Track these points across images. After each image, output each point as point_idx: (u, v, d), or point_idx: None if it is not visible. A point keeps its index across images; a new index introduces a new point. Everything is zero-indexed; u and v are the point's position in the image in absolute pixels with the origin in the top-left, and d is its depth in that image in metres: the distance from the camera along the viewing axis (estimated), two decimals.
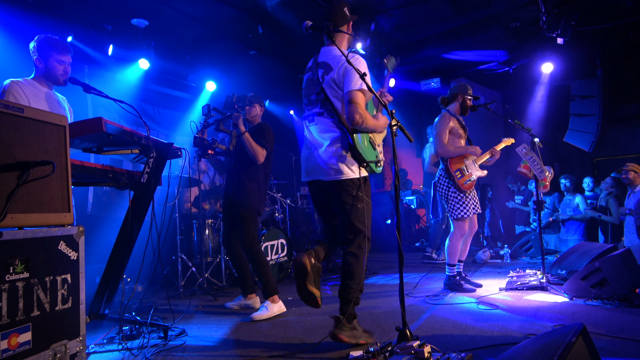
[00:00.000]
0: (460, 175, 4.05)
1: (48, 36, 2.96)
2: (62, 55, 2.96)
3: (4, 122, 1.87)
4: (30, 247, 1.88)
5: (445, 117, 4.17)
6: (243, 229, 3.57)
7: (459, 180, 4.03)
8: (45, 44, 2.92)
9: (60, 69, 2.96)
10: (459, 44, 7.14)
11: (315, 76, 2.66)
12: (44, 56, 2.92)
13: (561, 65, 7.59)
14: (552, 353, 1.47)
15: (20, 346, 1.79)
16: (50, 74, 2.96)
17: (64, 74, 2.98)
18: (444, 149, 4.09)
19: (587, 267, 3.53)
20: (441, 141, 4.10)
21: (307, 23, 2.45)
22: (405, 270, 2.37)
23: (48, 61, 2.93)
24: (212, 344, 2.79)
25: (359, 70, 2.42)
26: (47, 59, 2.92)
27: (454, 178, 4.04)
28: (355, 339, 2.49)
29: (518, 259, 6.49)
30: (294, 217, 6.71)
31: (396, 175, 2.29)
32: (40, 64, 2.94)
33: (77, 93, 3.08)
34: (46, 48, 2.92)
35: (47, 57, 2.92)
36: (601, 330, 2.62)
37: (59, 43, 2.96)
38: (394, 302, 3.67)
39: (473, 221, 4.14)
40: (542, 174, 4.17)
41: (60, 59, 2.95)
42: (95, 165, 2.70)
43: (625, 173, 5.75)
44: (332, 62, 2.63)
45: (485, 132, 8.87)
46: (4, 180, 1.81)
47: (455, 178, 4.04)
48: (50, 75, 2.97)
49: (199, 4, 5.63)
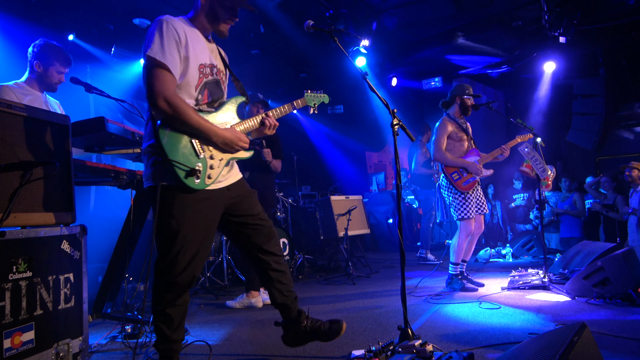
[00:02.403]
0: (457, 177, 4.06)
1: (52, 44, 2.96)
2: (63, 67, 2.98)
3: (7, 122, 1.87)
4: (33, 247, 1.89)
5: (443, 122, 4.18)
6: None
7: (456, 182, 4.04)
8: (50, 52, 2.93)
9: (58, 78, 2.99)
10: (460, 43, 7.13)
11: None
12: (46, 63, 2.92)
13: (563, 64, 7.57)
14: (554, 352, 1.46)
15: (24, 345, 1.80)
16: (46, 80, 2.97)
17: (58, 82, 3.01)
18: (440, 155, 4.12)
19: (589, 267, 3.52)
20: (438, 147, 4.12)
21: (309, 22, 2.44)
22: (407, 269, 2.36)
23: (48, 69, 2.94)
24: (213, 343, 2.79)
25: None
26: (48, 66, 2.93)
27: (451, 180, 4.06)
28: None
29: (520, 258, 6.48)
30: (296, 216, 6.72)
31: (397, 174, 2.29)
32: (39, 68, 2.93)
33: (79, 92, 3.09)
34: (49, 55, 2.93)
35: (48, 64, 2.93)
36: (603, 329, 2.62)
37: (63, 55, 2.98)
38: (396, 301, 3.67)
39: (479, 221, 4.13)
40: (545, 173, 4.16)
41: (60, 70, 2.97)
42: (97, 165, 2.71)
43: (629, 170, 5.73)
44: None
45: (488, 131, 8.86)
46: (7, 180, 1.82)
47: (452, 180, 4.05)
48: (45, 82, 2.97)
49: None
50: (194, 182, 1.93)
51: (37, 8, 4.99)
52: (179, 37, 1.94)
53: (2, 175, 1.80)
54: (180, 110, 1.88)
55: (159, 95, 1.85)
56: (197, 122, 1.93)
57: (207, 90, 2.09)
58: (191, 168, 1.91)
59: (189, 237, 1.96)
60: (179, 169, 1.88)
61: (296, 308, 2.30)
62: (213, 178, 2.01)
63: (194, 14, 2.12)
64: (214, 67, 2.13)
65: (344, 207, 5.65)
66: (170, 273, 1.96)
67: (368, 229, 6.24)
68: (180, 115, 1.88)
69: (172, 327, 1.99)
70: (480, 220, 4.14)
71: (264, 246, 2.22)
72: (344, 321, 2.30)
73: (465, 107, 4.22)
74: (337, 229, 5.52)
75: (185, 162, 1.90)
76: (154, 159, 1.95)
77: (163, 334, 1.99)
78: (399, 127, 2.32)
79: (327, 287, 4.64)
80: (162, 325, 1.98)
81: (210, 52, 2.14)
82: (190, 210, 1.96)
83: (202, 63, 2.05)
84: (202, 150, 1.98)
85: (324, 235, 5.73)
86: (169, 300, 1.97)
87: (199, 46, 2.05)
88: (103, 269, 3.00)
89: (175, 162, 1.88)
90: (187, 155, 1.92)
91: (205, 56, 2.09)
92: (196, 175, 1.92)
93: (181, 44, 1.94)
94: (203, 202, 2.00)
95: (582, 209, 6.96)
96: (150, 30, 1.94)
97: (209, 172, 1.99)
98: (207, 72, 2.08)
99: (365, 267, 5.82)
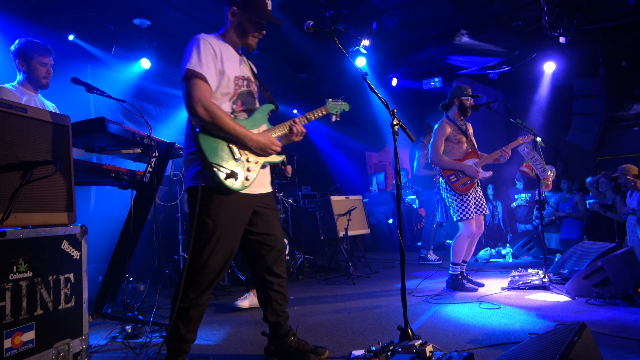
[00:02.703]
0: (455, 179, 4.08)
1: (28, 39, 2.94)
2: (43, 57, 2.94)
3: (8, 122, 1.88)
4: (33, 247, 1.89)
5: (442, 125, 4.20)
6: None
7: (453, 184, 4.06)
8: (26, 47, 2.91)
9: (43, 70, 2.95)
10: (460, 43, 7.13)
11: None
12: (26, 58, 2.90)
13: (563, 64, 7.57)
14: (553, 352, 1.46)
15: (24, 345, 1.80)
16: (32, 76, 2.94)
17: (46, 75, 2.97)
18: (437, 158, 4.15)
19: (589, 267, 3.52)
20: (435, 151, 4.16)
21: (309, 23, 2.44)
22: (407, 269, 2.36)
23: (30, 63, 2.91)
24: (214, 343, 2.80)
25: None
26: (30, 61, 2.90)
27: (449, 182, 4.08)
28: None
29: (520, 258, 6.47)
30: (296, 216, 6.72)
31: (397, 174, 2.29)
32: (22, 66, 2.92)
33: (80, 93, 3.09)
34: (27, 50, 2.90)
35: (29, 59, 2.90)
36: (603, 329, 2.62)
37: (39, 45, 2.95)
38: (396, 301, 3.67)
39: (479, 222, 4.14)
40: (544, 173, 4.16)
41: (42, 61, 2.94)
42: (97, 165, 2.71)
43: (624, 179, 5.71)
44: None
45: (488, 132, 8.86)
46: (7, 180, 1.82)
47: (450, 182, 4.07)
48: (33, 78, 2.95)
49: (200, 4, 5.64)
50: (232, 184, 2.05)
51: (37, 8, 4.99)
52: (214, 52, 2.11)
53: (2, 175, 1.80)
54: (218, 116, 2.01)
55: (197, 103, 1.98)
56: (232, 128, 2.05)
57: (240, 100, 2.23)
58: (230, 170, 2.04)
59: (223, 238, 2.08)
60: (219, 171, 2.01)
61: (286, 325, 2.39)
62: (250, 180, 2.14)
63: (225, 30, 2.28)
64: (245, 79, 2.28)
65: (344, 207, 5.65)
66: (200, 272, 2.05)
67: (368, 229, 6.24)
68: (217, 121, 2.01)
69: (189, 327, 2.07)
70: (480, 220, 4.15)
71: (272, 267, 2.32)
72: (327, 350, 2.38)
73: (464, 109, 4.22)
74: (337, 229, 5.52)
75: (224, 164, 2.04)
76: (195, 164, 2.09)
77: (178, 332, 2.05)
78: (399, 127, 2.33)
79: (327, 287, 4.65)
80: (180, 323, 2.05)
81: (242, 64, 2.31)
82: (227, 212, 2.08)
83: (236, 75, 2.21)
84: (239, 154, 2.12)
85: (324, 235, 5.73)
86: (192, 299, 2.05)
87: (232, 60, 2.22)
88: (103, 269, 3.00)
89: (216, 165, 2.01)
90: (226, 158, 2.06)
91: (238, 69, 2.25)
92: (235, 177, 2.05)
93: (217, 59, 2.11)
94: (238, 205, 2.13)
95: (584, 210, 6.96)
96: (188, 47, 2.10)
97: (246, 175, 2.13)
98: (240, 84, 2.23)
99: (366, 267, 5.82)
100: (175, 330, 2.04)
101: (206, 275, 2.06)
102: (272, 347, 2.41)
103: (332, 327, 2.99)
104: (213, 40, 2.15)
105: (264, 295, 2.36)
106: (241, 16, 2.21)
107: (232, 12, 2.23)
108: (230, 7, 2.23)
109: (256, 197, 2.23)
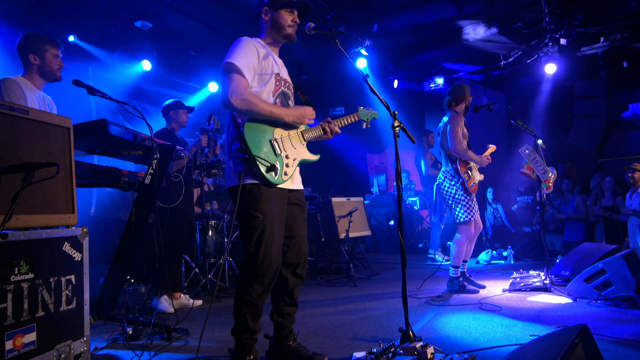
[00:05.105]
0: (468, 178, 4.03)
1: (36, 32, 2.90)
2: (56, 49, 2.92)
3: (9, 124, 1.88)
4: (34, 248, 1.89)
5: (456, 115, 4.14)
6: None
7: (467, 182, 4.02)
8: (38, 39, 2.87)
9: (57, 63, 2.92)
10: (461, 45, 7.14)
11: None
12: (40, 51, 2.85)
13: (564, 65, 7.56)
14: (555, 354, 1.46)
15: (25, 346, 1.80)
16: (47, 69, 2.88)
17: (59, 68, 2.94)
18: (461, 146, 4.01)
19: (590, 269, 3.51)
20: (459, 138, 4.01)
21: (310, 25, 2.45)
22: (408, 271, 2.36)
23: (45, 56, 2.86)
24: (215, 345, 2.79)
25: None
26: (44, 53, 2.85)
27: (464, 180, 4.02)
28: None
29: (521, 260, 6.46)
30: None
31: (398, 175, 2.29)
32: (35, 60, 2.85)
33: (81, 94, 3.09)
34: (40, 43, 2.86)
35: (43, 51, 2.85)
36: (604, 331, 2.61)
37: (50, 38, 2.92)
38: (397, 303, 3.67)
39: (477, 222, 4.13)
40: (545, 175, 4.16)
41: (55, 53, 2.91)
42: (99, 167, 2.72)
43: (631, 172, 5.73)
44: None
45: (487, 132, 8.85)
46: (9, 182, 1.83)
47: (465, 180, 4.02)
48: (47, 71, 2.89)
49: (201, 6, 5.66)
50: (273, 177, 2.20)
51: (38, 11, 5.00)
52: (256, 51, 2.25)
53: (4, 177, 1.80)
54: (252, 101, 2.13)
55: (232, 92, 2.11)
56: (268, 109, 2.18)
57: (279, 99, 2.36)
58: (271, 164, 2.19)
59: (275, 229, 2.19)
60: (261, 164, 2.15)
61: (290, 328, 2.42)
62: (288, 175, 2.28)
63: (264, 34, 2.42)
64: (285, 80, 2.42)
65: (345, 209, 5.65)
66: (262, 265, 2.14)
67: (369, 231, 6.23)
68: (252, 105, 2.13)
69: (255, 319, 2.21)
70: (478, 221, 4.14)
71: (291, 263, 2.37)
72: (326, 357, 2.37)
73: (468, 107, 4.27)
74: (338, 231, 5.51)
75: (266, 158, 2.18)
76: (239, 160, 2.20)
77: (246, 325, 2.18)
78: (400, 129, 2.33)
79: (328, 289, 4.64)
80: (248, 316, 2.17)
81: (281, 67, 2.44)
82: (272, 204, 2.20)
83: (277, 73, 2.34)
84: (280, 150, 2.26)
85: (325, 237, 5.72)
86: (260, 293, 2.16)
87: (273, 60, 2.35)
88: (104, 271, 3.00)
89: (259, 158, 2.15)
90: (267, 153, 2.21)
91: (278, 68, 2.38)
92: (275, 170, 2.20)
93: (259, 57, 2.24)
94: (279, 198, 2.25)
95: (585, 212, 6.95)
96: (232, 46, 2.24)
97: (285, 170, 2.26)
98: (281, 83, 2.37)
99: (367, 268, 5.82)
100: (243, 322, 2.18)
101: (267, 266, 2.14)
102: (272, 351, 2.43)
103: (333, 329, 2.99)
104: (256, 42, 2.29)
105: (276, 291, 2.40)
106: (272, 11, 2.33)
107: (264, 12, 2.36)
108: (261, 8, 2.37)
109: (292, 192, 2.36)
